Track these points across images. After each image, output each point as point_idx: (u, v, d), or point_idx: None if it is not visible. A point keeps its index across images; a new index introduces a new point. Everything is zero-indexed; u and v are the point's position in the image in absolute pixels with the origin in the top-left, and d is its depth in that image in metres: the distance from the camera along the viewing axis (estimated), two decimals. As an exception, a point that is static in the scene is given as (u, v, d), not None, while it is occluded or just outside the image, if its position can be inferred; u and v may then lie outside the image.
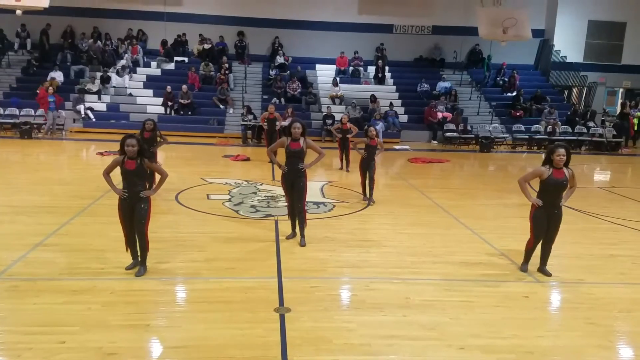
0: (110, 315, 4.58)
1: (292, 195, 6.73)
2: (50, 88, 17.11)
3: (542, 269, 5.90)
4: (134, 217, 5.39)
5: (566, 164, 5.61)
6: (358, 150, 9.42)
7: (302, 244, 6.66)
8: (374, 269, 5.99)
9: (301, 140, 6.63)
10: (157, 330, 4.43)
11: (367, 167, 9.09)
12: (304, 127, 6.71)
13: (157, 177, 5.81)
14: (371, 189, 9.10)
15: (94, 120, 18.16)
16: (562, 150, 5.53)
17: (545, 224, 5.72)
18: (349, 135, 12.81)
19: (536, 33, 20.24)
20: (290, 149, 6.63)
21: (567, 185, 5.65)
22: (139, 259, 5.54)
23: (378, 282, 5.60)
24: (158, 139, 9.32)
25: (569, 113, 20.06)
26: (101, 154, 13.44)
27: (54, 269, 5.59)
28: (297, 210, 6.77)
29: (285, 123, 13.96)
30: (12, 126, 16.91)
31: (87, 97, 18.78)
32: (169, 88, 18.83)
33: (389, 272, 5.91)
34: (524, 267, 6.01)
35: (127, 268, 5.56)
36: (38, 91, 17.39)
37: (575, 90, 24.34)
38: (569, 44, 22.94)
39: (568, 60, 23.16)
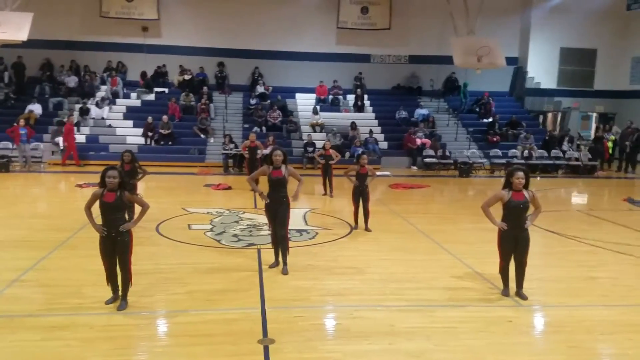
0: (89, 351, 4.47)
1: (275, 222, 6.72)
2: (22, 121, 16.94)
3: (518, 293, 5.95)
4: (116, 251, 5.31)
5: (525, 187, 5.77)
6: (349, 177, 9.40)
7: (285, 272, 6.63)
8: (357, 297, 5.97)
9: (283, 168, 6.66)
10: (138, 366, 4.34)
11: (359, 195, 9.10)
12: (285, 154, 6.76)
13: (137, 208, 5.73)
14: (366, 220, 9.11)
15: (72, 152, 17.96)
16: (520, 173, 5.73)
17: (511, 247, 5.83)
18: (331, 162, 12.94)
19: (510, 60, 20.80)
20: (272, 177, 6.65)
21: (528, 206, 5.78)
22: (121, 293, 5.43)
23: (362, 309, 5.57)
24: (138, 170, 9.24)
25: (546, 137, 20.49)
26: (80, 186, 13.27)
27: (31, 305, 5.45)
28: (279, 238, 6.74)
29: (267, 151, 14.01)
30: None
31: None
32: (149, 119, 18.80)
33: (373, 299, 5.90)
34: (504, 292, 6.05)
35: (107, 302, 5.45)
36: (16, 124, 17.21)
37: (550, 115, 24.92)
38: (542, 70, 23.61)
39: (542, 86, 23.80)
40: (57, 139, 17.97)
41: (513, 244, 5.81)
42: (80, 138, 18.61)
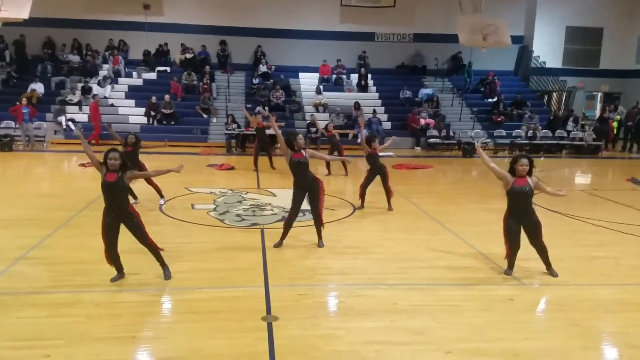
0: (95, 328, 4.52)
1: (311, 203, 6.85)
2: (24, 100, 16.89)
3: (550, 271, 6.06)
4: (132, 234, 5.45)
5: (529, 173, 5.78)
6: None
7: (321, 245, 6.92)
8: (361, 276, 6.00)
9: (303, 151, 6.75)
10: (144, 342, 4.39)
11: (378, 173, 9.11)
12: (305, 138, 6.86)
13: (143, 189, 5.76)
14: (388, 198, 9.16)
15: (75, 131, 17.95)
16: (524, 160, 5.78)
17: (518, 237, 5.87)
18: (336, 140, 12.95)
19: (515, 39, 20.57)
20: (295, 160, 6.70)
21: (532, 193, 5.79)
22: (160, 264, 5.64)
23: (365, 288, 5.61)
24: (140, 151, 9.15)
25: (550, 117, 20.37)
26: (83, 165, 13.29)
27: (37, 283, 5.51)
28: (315, 217, 6.92)
29: (272, 131, 13.93)
30: (-8, 139, 16.65)
31: (68, 108, 18.59)
32: (153, 98, 18.71)
33: (376, 278, 5.93)
34: (507, 272, 6.08)
35: (112, 280, 5.50)
36: (18, 103, 17.18)
37: (554, 95, 24.74)
38: (547, 49, 23.36)
39: (547, 65, 23.57)
40: (60, 118, 17.95)
41: (519, 232, 5.85)
42: (82, 117, 18.60)
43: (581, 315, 5.09)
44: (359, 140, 17.33)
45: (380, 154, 9.38)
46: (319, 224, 6.99)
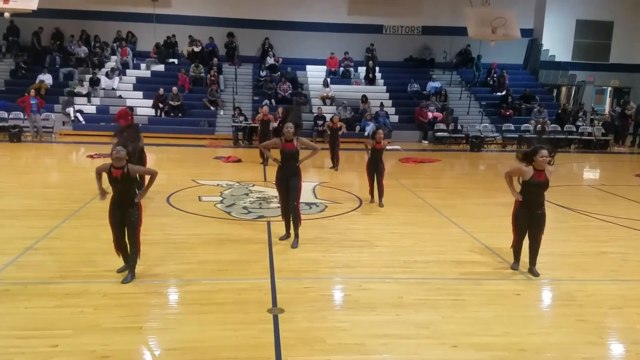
0: (102, 318, 4.55)
1: (287, 195, 6.72)
2: (32, 91, 16.96)
3: (531, 269, 5.93)
4: (126, 224, 5.34)
5: (549, 164, 5.60)
6: (368, 152, 9.18)
7: (295, 245, 6.65)
8: (366, 269, 6.01)
9: (295, 140, 6.64)
10: (150, 333, 4.42)
11: (374, 170, 9.04)
12: (298, 127, 6.73)
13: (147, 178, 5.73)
14: (380, 195, 9.05)
15: (83, 122, 18.04)
16: (545, 152, 5.46)
17: (526, 223, 5.79)
18: (339, 134, 12.88)
19: (525, 33, 20.37)
20: (285, 150, 6.63)
21: (548, 186, 5.66)
22: (129, 265, 5.48)
23: (371, 281, 5.61)
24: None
25: (559, 112, 20.22)
26: (91, 156, 13.35)
27: (45, 273, 5.55)
28: (291, 209, 6.75)
29: (275, 124, 13.95)
30: (0, 129, 16.76)
31: (77, 99, 18.67)
32: (161, 90, 18.74)
33: (381, 271, 5.93)
34: (514, 266, 6.05)
35: (119, 271, 5.53)
36: (26, 94, 17.28)
37: (564, 89, 24.54)
38: (557, 43, 23.14)
39: (556, 59, 23.35)
40: (68, 109, 18.02)
41: (528, 221, 5.77)
42: (90, 109, 18.67)
43: (588, 310, 5.07)
44: (366, 133, 17.32)
45: (388, 147, 9.31)
46: (296, 219, 6.69)
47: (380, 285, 5.52)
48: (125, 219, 5.32)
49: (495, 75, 22.13)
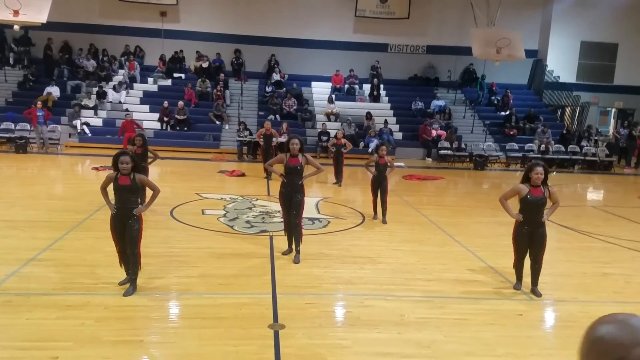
0: (103, 331, 4.55)
1: (290, 210, 6.74)
2: (39, 103, 17.12)
3: (533, 290, 5.90)
4: (126, 236, 5.35)
5: (544, 182, 5.71)
6: (368, 168, 9.35)
7: (297, 261, 6.64)
8: (368, 286, 5.99)
9: (300, 156, 6.69)
10: (151, 347, 4.41)
11: (378, 186, 9.05)
12: (302, 142, 6.79)
13: (149, 192, 5.76)
14: (384, 211, 9.05)
15: (89, 135, 18.18)
16: (539, 169, 5.66)
17: (526, 242, 5.79)
18: (343, 150, 12.93)
19: (529, 53, 20.54)
20: (289, 165, 6.68)
21: (546, 202, 5.74)
22: (130, 278, 5.48)
23: (373, 299, 5.59)
24: (149, 154, 9.29)
25: (563, 132, 20.26)
26: (96, 168, 13.43)
27: (47, 284, 5.56)
28: (293, 225, 6.77)
29: (282, 139, 14.04)
30: (7, 140, 16.89)
31: (84, 112, 18.82)
32: (165, 103, 18.91)
33: (383, 289, 5.91)
34: (517, 286, 6.03)
35: (121, 283, 5.54)
36: (33, 106, 17.43)
37: (568, 109, 24.60)
38: (561, 64, 23.27)
39: (561, 80, 23.47)
40: (75, 122, 18.16)
41: (528, 240, 5.77)
42: (97, 121, 18.82)
43: (591, 332, 5.03)
44: (370, 149, 17.38)
45: (394, 164, 9.34)
46: (298, 235, 6.72)
47: (382, 303, 5.50)
48: (126, 231, 5.34)
49: (497, 94, 22.22)
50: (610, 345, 1.27)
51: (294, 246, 6.83)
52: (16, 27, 16.98)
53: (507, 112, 21.35)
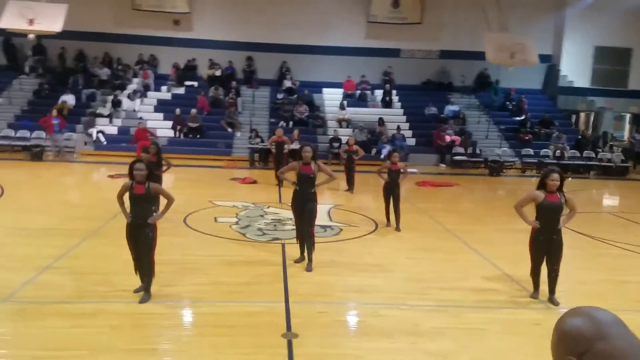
0: (117, 339, 4.56)
1: (302, 218, 6.73)
2: (55, 111, 17.33)
3: (551, 298, 5.82)
4: (140, 244, 5.38)
5: (560, 189, 5.64)
6: (381, 175, 9.32)
7: (309, 269, 6.62)
8: (381, 294, 5.94)
9: (312, 164, 6.68)
10: (164, 355, 4.41)
11: (391, 192, 8.99)
12: (315, 150, 6.79)
13: (162, 200, 5.78)
14: (397, 219, 8.97)
15: (105, 143, 18.35)
16: (555, 175, 5.61)
17: (543, 250, 5.72)
18: (354, 157, 12.90)
19: (543, 58, 20.34)
20: (302, 173, 6.67)
21: (562, 209, 5.66)
22: (145, 285, 5.50)
23: (386, 307, 5.54)
24: (163, 162, 9.34)
25: (578, 137, 20.06)
26: (112, 176, 13.53)
27: (62, 292, 5.59)
28: (305, 233, 6.75)
29: (294, 146, 14.04)
30: (23, 148, 17.10)
31: (99, 120, 19.02)
32: (177, 111, 19.04)
33: (397, 297, 5.85)
34: (534, 294, 5.94)
35: (136, 291, 5.55)
36: (49, 114, 17.65)
37: (582, 115, 24.35)
38: (575, 69, 23.04)
39: (575, 85, 23.22)
40: (90, 130, 18.36)
41: (545, 247, 5.69)
42: (112, 129, 19.00)
43: (609, 342, 4.93)
44: (382, 156, 17.33)
45: (408, 170, 9.28)
46: (310, 243, 6.71)
47: (396, 312, 5.45)
48: (140, 239, 5.36)
49: (512, 100, 22.07)
50: (575, 338, 1.30)
51: (306, 254, 6.81)
52: (31, 36, 17.23)
53: (522, 117, 21.17)
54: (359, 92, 22.10)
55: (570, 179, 17.07)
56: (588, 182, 17.25)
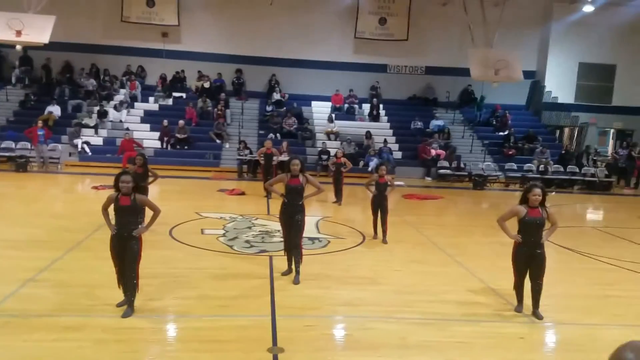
0: (100, 353, 4.50)
1: (290, 230, 6.73)
2: (40, 122, 17.19)
3: (534, 312, 5.86)
4: (124, 256, 5.33)
5: (542, 204, 5.71)
6: (368, 187, 9.38)
7: (296, 281, 6.60)
8: (369, 307, 5.94)
9: (300, 176, 6.70)
10: (149, 370, 4.36)
11: (378, 205, 9.06)
12: (303, 163, 6.80)
13: (148, 212, 5.73)
14: (384, 231, 9.04)
15: (90, 154, 18.20)
16: (537, 190, 5.69)
17: (526, 264, 5.78)
18: (342, 169, 12.96)
19: (527, 74, 20.69)
20: (290, 186, 6.68)
21: (544, 223, 5.73)
22: (128, 299, 5.43)
23: (373, 321, 5.55)
24: (149, 174, 9.30)
25: (562, 152, 20.33)
26: (96, 188, 13.41)
27: (45, 305, 5.51)
28: (293, 245, 6.75)
29: (282, 158, 14.07)
30: (7, 159, 16.91)
31: (84, 130, 18.88)
32: (165, 122, 19.00)
33: (385, 310, 5.86)
34: (518, 308, 5.99)
35: (119, 305, 5.48)
36: (34, 125, 17.49)
37: (566, 130, 24.72)
38: (560, 85, 23.43)
39: (559, 101, 23.60)
40: (75, 141, 18.21)
41: (528, 261, 5.75)
42: (97, 140, 18.87)
43: (594, 356, 4.97)
44: (369, 168, 17.42)
45: (395, 183, 9.34)
46: (297, 255, 6.70)
47: (383, 325, 5.45)
48: (125, 251, 5.32)
49: (498, 116, 22.35)
50: None
51: (293, 266, 6.80)
52: (18, 47, 17.12)
53: (506, 133, 21.44)
54: (347, 105, 22.28)
55: (554, 193, 17.30)
56: (572, 197, 17.47)
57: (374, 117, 21.93)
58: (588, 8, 21.35)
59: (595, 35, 22.71)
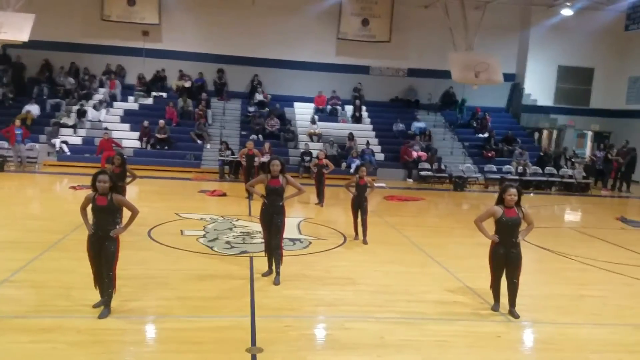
0: (76, 355, 4.44)
1: (270, 231, 6.72)
2: (18, 121, 16.91)
3: (511, 311, 5.93)
4: (102, 257, 5.26)
5: (517, 204, 5.79)
6: (349, 189, 9.42)
7: (277, 282, 6.59)
8: (348, 307, 5.96)
9: (280, 177, 6.69)
10: (125, 371, 4.31)
11: (358, 206, 9.10)
12: (283, 164, 6.79)
13: (127, 213, 5.67)
14: (364, 232, 9.08)
15: (68, 153, 17.95)
16: (513, 190, 5.76)
17: (502, 263, 5.85)
18: (324, 171, 12.98)
19: (507, 77, 20.93)
20: (270, 187, 6.67)
21: (520, 223, 5.81)
22: (104, 300, 5.36)
23: (353, 320, 5.56)
24: (127, 174, 9.19)
25: (541, 154, 20.62)
26: (74, 188, 13.23)
27: (20, 307, 5.41)
28: (273, 246, 6.74)
29: (264, 159, 14.04)
30: (-17, 159, 16.59)
31: (63, 130, 18.61)
32: (145, 122, 18.81)
33: (363, 310, 5.88)
34: (495, 307, 6.06)
35: (95, 306, 5.41)
36: (12, 124, 17.19)
37: (545, 132, 25.08)
38: (539, 87, 23.79)
39: (538, 103, 23.96)
40: (54, 140, 17.95)
41: (504, 260, 5.83)
42: (76, 140, 18.61)
43: (570, 355, 5.06)
44: (352, 170, 17.47)
45: (376, 185, 9.39)
46: (278, 256, 6.70)
47: (363, 325, 5.47)
48: (101, 252, 5.25)
49: (478, 118, 22.59)
50: None
51: (274, 267, 6.79)
52: (-4, 45, 16.85)
53: (486, 135, 21.68)
54: (329, 107, 22.31)
55: (532, 194, 17.54)
56: (550, 198, 17.73)
57: (357, 118, 22.00)
58: (567, 12, 21.69)
59: (573, 39, 23.09)
